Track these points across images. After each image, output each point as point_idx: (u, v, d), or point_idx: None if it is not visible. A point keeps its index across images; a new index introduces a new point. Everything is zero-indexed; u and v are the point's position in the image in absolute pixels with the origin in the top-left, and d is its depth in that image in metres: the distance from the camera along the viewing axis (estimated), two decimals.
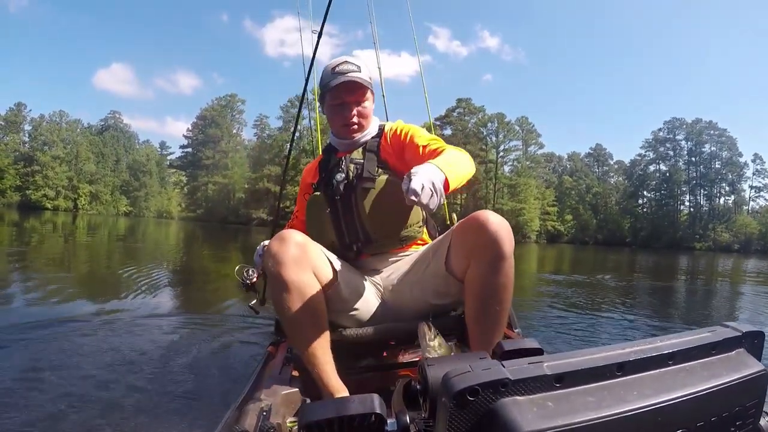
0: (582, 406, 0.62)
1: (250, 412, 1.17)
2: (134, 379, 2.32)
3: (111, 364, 2.53)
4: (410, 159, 1.44)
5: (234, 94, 60.83)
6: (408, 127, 1.54)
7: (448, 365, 0.75)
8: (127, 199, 61.49)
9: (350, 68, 1.52)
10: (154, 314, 3.83)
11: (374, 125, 1.61)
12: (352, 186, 1.48)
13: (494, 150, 53.37)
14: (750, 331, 0.75)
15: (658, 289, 8.78)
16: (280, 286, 1.24)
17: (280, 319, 1.33)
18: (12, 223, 18.93)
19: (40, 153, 54.71)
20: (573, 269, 12.24)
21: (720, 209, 53.71)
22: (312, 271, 1.28)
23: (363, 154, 1.53)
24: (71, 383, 2.22)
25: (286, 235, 1.27)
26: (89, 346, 2.83)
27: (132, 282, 5.51)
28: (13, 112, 57.51)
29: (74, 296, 4.52)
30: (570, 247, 38.00)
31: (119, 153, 62.59)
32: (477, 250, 1.22)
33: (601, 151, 61.48)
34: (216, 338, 3.19)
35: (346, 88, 1.52)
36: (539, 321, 4.22)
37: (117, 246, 12.52)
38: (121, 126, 65.72)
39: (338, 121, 1.56)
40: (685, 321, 4.82)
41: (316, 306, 1.27)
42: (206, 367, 2.58)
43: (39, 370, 2.37)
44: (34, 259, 7.70)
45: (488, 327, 1.26)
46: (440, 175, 1.13)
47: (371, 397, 0.86)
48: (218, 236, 22.18)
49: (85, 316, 3.58)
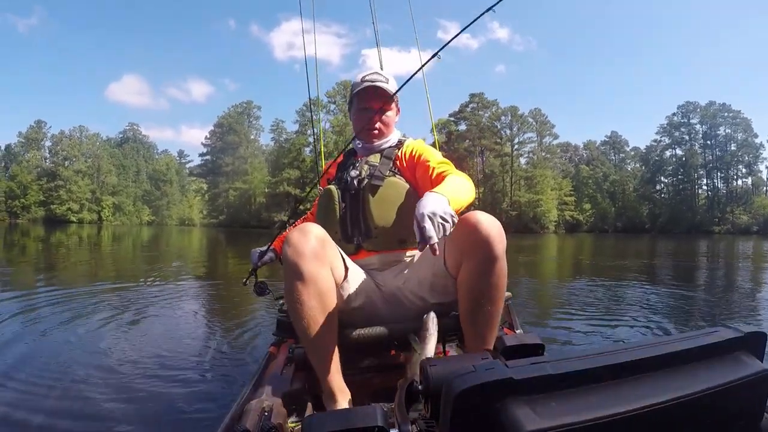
0: (585, 405, 0.63)
1: (251, 412, 1.16)
2: (138, 380, 2.38)
3: (118, 363, 2.63)
4: (420, 177, 1.51)
5: (250, 101, 61.83)
6: (423, 149, 1.59)
7: (451, 365, 0.76)
8: (149, 209, 62.85)
9: (378, 78, 1.62)
10: (172, 315, 3.99)
11: (395, 136, 1.68)
12: (363, 183, 1.53)
13: (509, 143, 53.62)
14: (752, 332, 0.76)
15: (682, 270, 8.91)
16: (297, 278, 1.22)
17: (290, 312, 1.29)
18: (39, 238, 19.11)
19: (63, 168, 56.12)
20: (579, 262, 11.65)
21: (737, 191, 53.53)
22: (329, 266, 1.29)
23: (379, 159, 1.59)
24: (72, 377, 2.38)
25: (307, 227, 1.27)
26: (98, 346, 2.96)
27: (156, 287, 5.63)
28: (33, 129, 58.99)
29: (95, 304, 4.49)
30: (589, 236, 37.88)
31: (139, 164, 64.04)
32: (468, 251, 1.24)
33: (617, 138, 61.51)
34: (225, 340, 3.25)
35: (371, 94, 1.62)
36: (540, 317, 4.13)
37: (141, 254, 12.84)
38: (140, 137, 67.35)
39: (360, 125, 1.64)
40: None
41: (330, 302, 1.27)
42: (211, 368, 2.61)
43: (57, 364, 2.57)
44: (63, 269, 8.20)
45: (481, 327, 1.27)
46: (444, 201, 1.14)
47: (373, 409, 0.87)
48: (240, 240, 22.21)
49: (105, 318, 3.76)
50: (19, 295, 4.97)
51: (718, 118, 53.53)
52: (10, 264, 9.13)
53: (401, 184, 1.52)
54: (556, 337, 3.26)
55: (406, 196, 1.50)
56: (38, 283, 6.20)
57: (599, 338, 3.26)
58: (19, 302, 4.55)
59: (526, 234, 39.85)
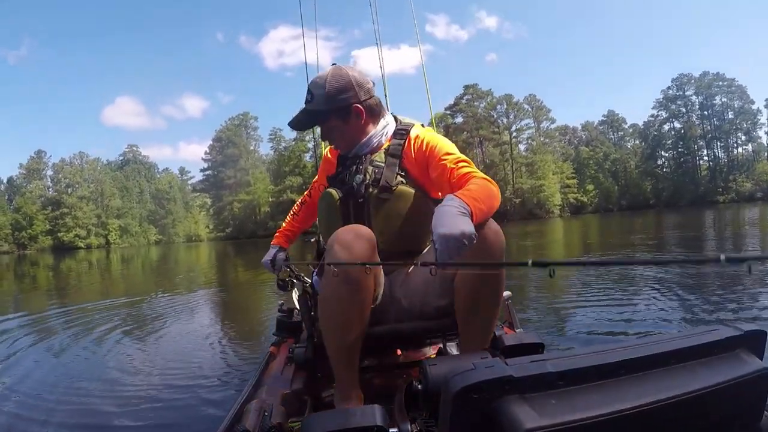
0: (584, 403, 0.62)
1: (251, 412, 1.16)
2: (139, 382, 2.47)
3: (119, 368, 2.78)
4: (437, 178, 1.36)
5: (247, 113, 61.92)
6: (434, 142, 1.41)
7: (450, 364, 0.76)
8: (155, 228, 63.05)
9: (307, 97, 1.45)
10: (183, 322, 4.16)
11: (384, 126, 1.49)
12: (369, 192, 1.41)
13: (507, 131, 53.75)
14: (751, 330, 0.76)
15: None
16: (346, 282, 1.17)
17: (324, 310, 1.26)
18: (48, 267, 19.50)
19: (66, 195, 56.42)
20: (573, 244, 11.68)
21: (739, 159, 53.50)
22: (373, 272, 1.26)
23: (384, 158, 1.44)
24: (83, 383, 2.56)
25: (361, 231, 1.22)
26: (103, 355, 3.14)
27: (161, 299, 5.86)
28: (34, 159, 59.28)
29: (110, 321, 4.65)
30: (594, 217, 37.97)
31: (142, 184, 64.22)
32: (468, 255, 1.15)
33: (614, 116, 61.34)
34: (226, 340, 3.34)
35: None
36: (540, 314, 3.99)
37: (148, 272, 13.17)
38: (140, 158, 67.42)
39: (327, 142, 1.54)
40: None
41: (367, 307, 1.25)
42: (211, 369, 2.68)
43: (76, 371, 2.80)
44: (75, 290, 8.54)
45: (479, 328, 1.26)
46: (465, 220, 1.04)
47: (373, 409, 0.86)
48: (247, 250, 22.38)
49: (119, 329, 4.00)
50: (34, 315, 5.27)
51: (713, 87, 53.47)
52: (22, 291, 9.43)
53: (410, 194, 1.39)
54: (556, 335, 3.22)
55: (416, 204, 1.39)
56: (51, 304, 6.54)
57: (601, 333, 3.17)
58: (33, 321, 4.86)
59: (531, 220, 40.17)
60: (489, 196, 1.18)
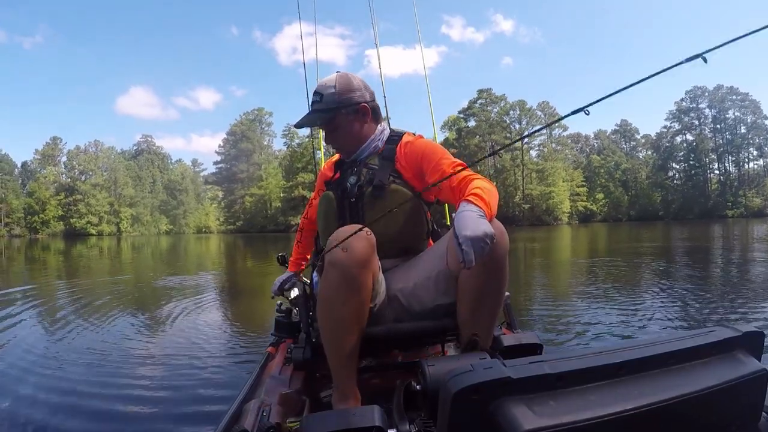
0: (583, 405, 0.62)
1: (249, 412, 1.16)
2: (136, 382, 2.44)
3: (116, 365, 2.73)
4: (441, 187, 1.36)
5: (261, 108, 62.49)
6: (426, 148, 1.46)
7: (449, 364, 0.76)
8: (166, 218, 63.94)
9: (314, 99, 1.50)
10: (186, 319, 4.15)
11: (381, 131, 1.56)
12: (363, 191, 1.45)
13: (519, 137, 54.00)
14: (749, 332, 0.76)
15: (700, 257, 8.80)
16: (347, 283, 1.19)
17: (323, 310, 1.26)
18: (59, 251, 19.57)
19: (80, 182, 57.21)
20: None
21: (749, 174, 53.48)
22: (372, 273, 1.26)
23: (378, 161, 1.49)
24: (75, 377, 2.53)
25: (362, 232, 1.21)
26: (97, 348, 3.12)
27: (173, 292, 5.84)
28: (49, 146, 59.95)
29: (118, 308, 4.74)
30: (603, 226, 37.97)
31: (155, 174, 65.09)
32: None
33: (627, 126, 61.47)
34: (225, 340, 3.33)
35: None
36: (539, 312, 4.03)
37: (158, 260, 13.40)
38: (154, 148, 68.32)
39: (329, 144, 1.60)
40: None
41: (366, 309, 1.26)
42: (210, 369, 2.66)
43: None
44: (85, 275, 8.73)
45: (479, 328, 1.26)
46: (484, 222, 1.11)
47: (372, 409, 0.86)
48: (256, 243, 22.20)
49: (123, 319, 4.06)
50: (44, 298, 5.48)
51: (726, 101, 53.47)
52: (34, 274, 9.61)
53: (404, 192, 1.42)
54: (555, 336, 3.21)
55: (410, 203, 1.43)
56: (60, 288, 6.63)
57: (599, 336, 3.18)
58: (43, 302, 5.09)
59: (540, 226, 40.26)
60: (493, 197, 1.24)
